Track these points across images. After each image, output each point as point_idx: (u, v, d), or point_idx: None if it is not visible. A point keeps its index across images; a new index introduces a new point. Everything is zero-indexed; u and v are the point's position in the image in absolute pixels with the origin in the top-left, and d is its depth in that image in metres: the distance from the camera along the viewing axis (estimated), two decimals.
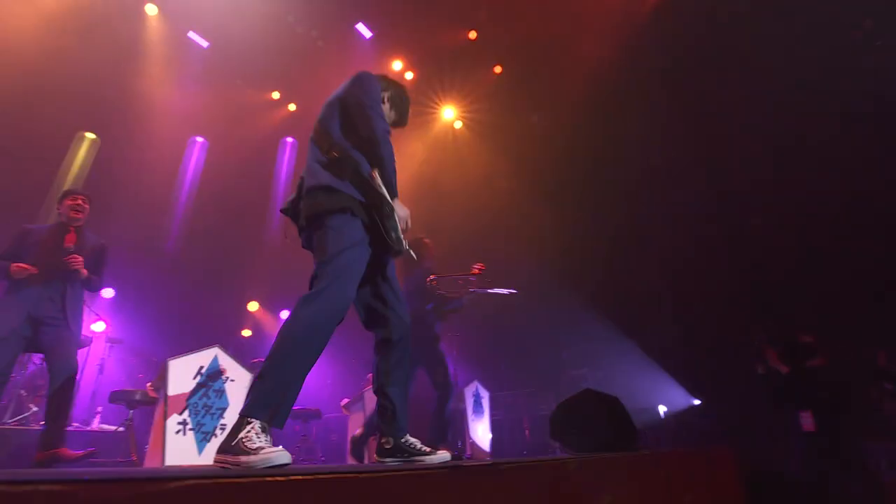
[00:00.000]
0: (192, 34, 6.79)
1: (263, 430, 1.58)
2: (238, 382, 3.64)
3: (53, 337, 3.28)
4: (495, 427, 7.22)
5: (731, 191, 7.18)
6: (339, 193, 1.86)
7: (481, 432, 6.64)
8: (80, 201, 3.58)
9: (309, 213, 1.88)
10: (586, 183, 8.15)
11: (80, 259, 3.41)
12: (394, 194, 1.94)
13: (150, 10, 6.45)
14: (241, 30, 6.79)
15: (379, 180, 1.87)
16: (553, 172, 7.82)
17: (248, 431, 1.55)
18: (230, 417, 3.43)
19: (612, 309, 8.19)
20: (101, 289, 3.70)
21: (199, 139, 7.40)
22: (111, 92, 6.43)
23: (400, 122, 2.29)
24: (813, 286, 6.11)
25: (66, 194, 3.62)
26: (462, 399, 7.17)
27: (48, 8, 5.87)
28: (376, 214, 1.89)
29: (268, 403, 1.61)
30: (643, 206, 8.01)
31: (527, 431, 7.69)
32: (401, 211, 1.97)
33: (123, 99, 6.55)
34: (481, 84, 8.18)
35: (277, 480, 0.96)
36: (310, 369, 1.70)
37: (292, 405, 1.68)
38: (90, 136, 6.68)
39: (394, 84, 2.26)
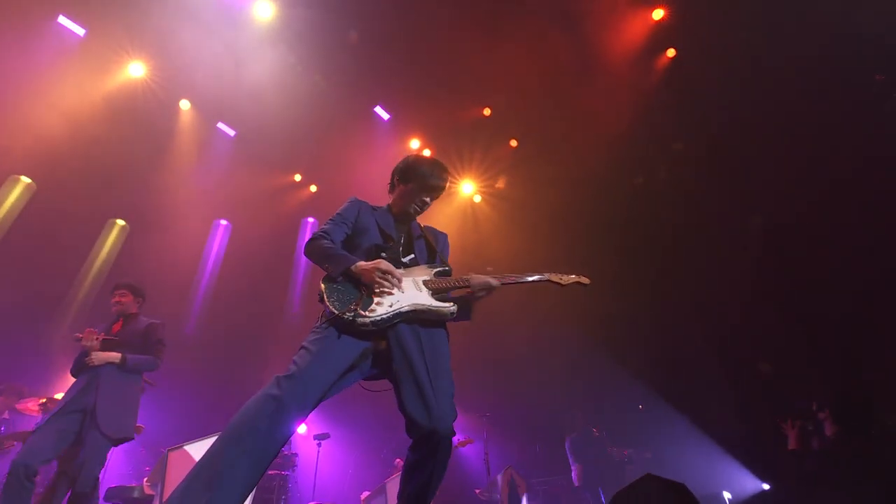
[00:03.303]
0: (221, 125, 7.18)
1: None
2: None
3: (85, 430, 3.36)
4: None
5: (779, 246, 6.82)
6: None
7: None
8: (118, 297, 3.93)
9: None
10: (616, 250, 7.93)
11: (93, 339, 3.56)
12: (338, 273, 1.98)
13: (184, 105, 6.89)
14: (265, 117, 7.15)
15: (322, 287, 1.97)
16: (580, 245, 7.66)
17: None
18: None
19: (657, 382, 7.59)
20: (150, 367, 3.76)
21: (224, 222, 7.56)
22: (143, 180, 6.72)
23: (434, 195, 2.37)
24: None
25: (112, 291, 4.02)
26: (496, 489, 6.46)
27: (101, 95, 6.30)
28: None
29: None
30: (679, 268, 7.69)
31: None
32: (363, 273, 1.97)
33: (154, 187, 6.82)
34: (498, 158, 8.31)
35: None
36: (243, 463, 1.61)
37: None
38: (120, 222, 6.89)
39: (417, 175, 2.31)
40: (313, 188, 8.01)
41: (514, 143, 8.28)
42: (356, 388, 2.03)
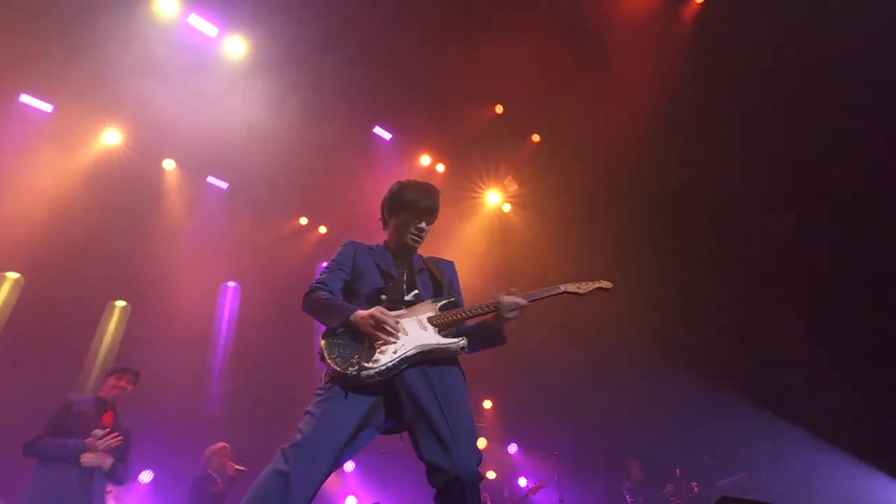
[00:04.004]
0: (211, 179, 6.59)
1: None
2: None
3: None
4: None
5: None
6: None
7: None
8: (124, 382, 3.67)
9: None
10: (669, 246, 6.85)
11: (111, 442, 3.37)
12: (337, 325, 1.91)
13: (168, 164, 6.34)
14: (256, 161, 6.53)
15: (322, 344, 1.89)
16: (626, 244, 6.64)
17: None
18: None
19: (755, 391, 6.36)
20: (126, 480, 3.66)
21: (231, 284, 6.90)
22: (137, 252, 6.17)
23: (429, 219, 2.25)
24: None
25: (113, 372, 3.76)
26: None
27: (78, 169, 5.83)
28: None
29: None
30: (755, 255, 6.53)
31: None
32: (360, 324, 1.89)
33: (150, 258, 6.25)
34: (524, 160, 7.34)
35: None
36: None
37: None
38: (120, 303, 6.35)
39: (406, 202, 2.21)
40: (322, 229, 7.28)
41: (536, 137, 7.31)
42: (405, 449, 1.86)
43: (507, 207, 7.70)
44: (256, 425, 6.33)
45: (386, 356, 1.81)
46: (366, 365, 1.77)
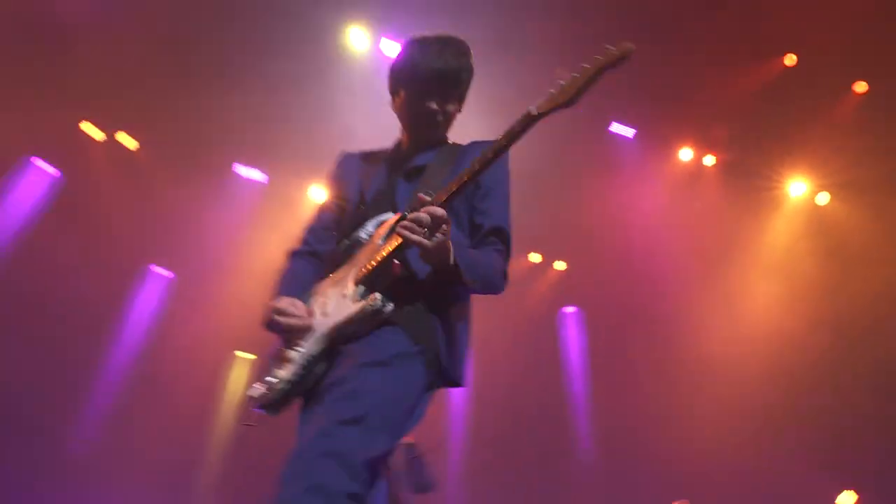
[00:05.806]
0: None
1: None
2: None
3: None
4: None
5: None
6: None
7: None
8: None
9: None
10: None
11: None
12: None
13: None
14: None
15: None
16: None
17: None
18: None
19: None
20: None
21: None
22: None
23: (444, 93, 1.38)
24: None
25: None
26: None
27: None
28: None
29: None
30: None
31: None
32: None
33: None
34: (838, 124, 4.81)
35: None
36: None
37: None
38: None
39: (406, 67, 1.41)
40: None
41: (861, 85, 4.75)
42: None
43: (822, 199, 5.13)
44: None
45: (288, 369, 1.14)
46: (258, 389, 1.16)
